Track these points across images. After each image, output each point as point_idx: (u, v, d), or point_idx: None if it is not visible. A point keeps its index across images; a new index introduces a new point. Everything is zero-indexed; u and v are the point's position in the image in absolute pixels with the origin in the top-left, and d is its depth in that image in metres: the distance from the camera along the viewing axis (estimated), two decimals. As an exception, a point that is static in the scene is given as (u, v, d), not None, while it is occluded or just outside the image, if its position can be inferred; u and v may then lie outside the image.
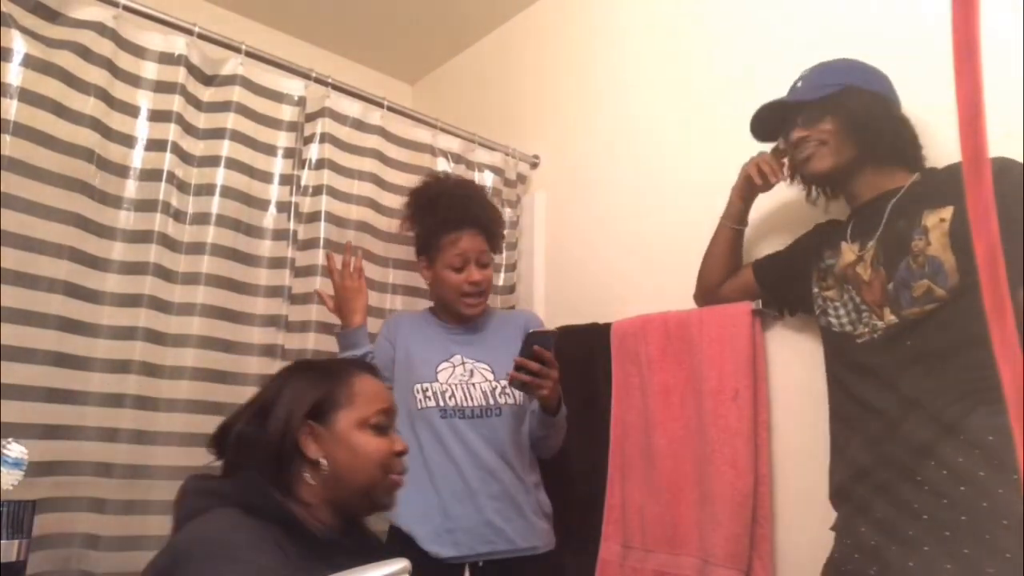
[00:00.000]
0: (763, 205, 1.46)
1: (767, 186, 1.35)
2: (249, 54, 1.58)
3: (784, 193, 1.42)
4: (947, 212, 1.04)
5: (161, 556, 0.81)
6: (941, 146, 1.18)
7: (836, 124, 1.16)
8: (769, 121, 1.27)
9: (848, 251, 1.18)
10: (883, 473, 1.04)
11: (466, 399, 1.47)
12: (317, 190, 1.66)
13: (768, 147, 1.35)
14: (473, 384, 1.49)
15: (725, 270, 1.48)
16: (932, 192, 1.09)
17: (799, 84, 1.22)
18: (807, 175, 1.23)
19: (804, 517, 1.33)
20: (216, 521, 0.82)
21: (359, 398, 0.98)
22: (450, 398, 1.47)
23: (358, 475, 0.95)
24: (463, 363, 1.52)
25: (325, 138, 1.68)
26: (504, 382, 1.47)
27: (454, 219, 1.51)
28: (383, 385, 1.05)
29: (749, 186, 1.39)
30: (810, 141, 1.19)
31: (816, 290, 1.24)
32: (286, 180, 1.61)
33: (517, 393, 1.47)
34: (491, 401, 1.48)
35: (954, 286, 1.00)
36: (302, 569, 0.82)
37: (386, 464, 0.97)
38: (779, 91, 1.26)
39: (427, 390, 1.47)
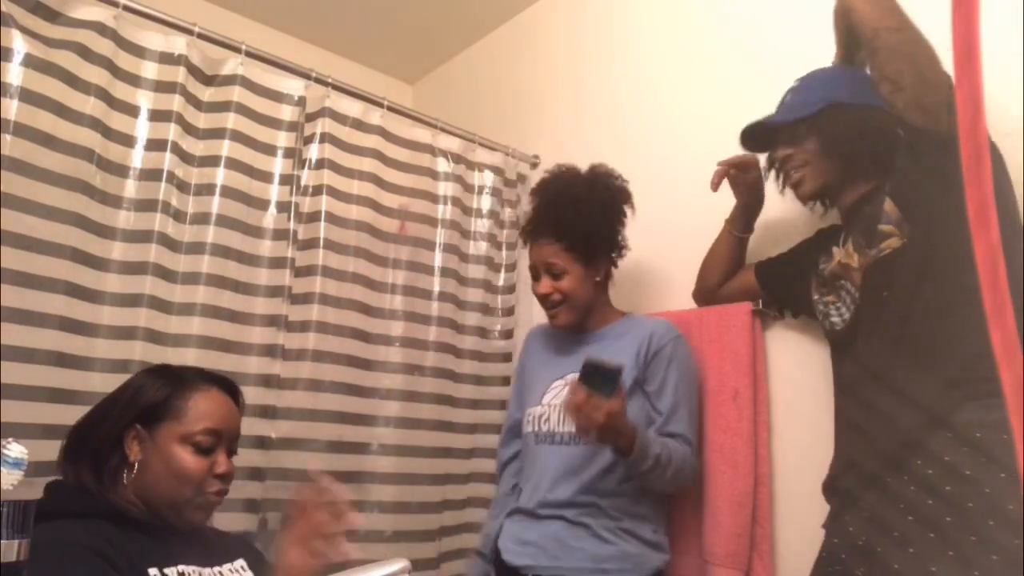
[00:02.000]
0: (766, 206, 1.46)
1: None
2: (249, 54, 1.58)
3: (787, 196, 1.42)
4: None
5: None
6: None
7: (819, 144, 1.18)
8: (759, 134, 1.29)
9: (837, 253, 1.20)
10: (870, 468, 1.04)
11: (559, 423, 1.40)
12: (317, 190, 1.66)
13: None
14: None
15: (725, 273, 1.48)
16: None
17: (788, 97, 1.23)
18: (799, 197, 1.25)
19: (804, 517, 1.33)
20: (43, 534, 0.83)
21: (190, 413, 0.98)
22: (544, 422, 1.43)
23: (166, 488, 0.95)
24: (563, 376, 1.45)
25: (325, 138, 1.68)
26: None
27: (533, 229, 1.47)
28: (227, 405, 1.03)
29: (743, 194, 1.40)
30: (795, 160, 1.21)
31: (816, 297, 1.24)
32: (286, 180, 1.61)
33: None
34: None
35: (898, 220, 1.03)
36: (134, 553, 0.87)
37: (199, 484, 0.97)
38: (781, 90, 1.26)
39: (530, 415, 1.48)
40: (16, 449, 1.10)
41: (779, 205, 1.47)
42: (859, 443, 1.08)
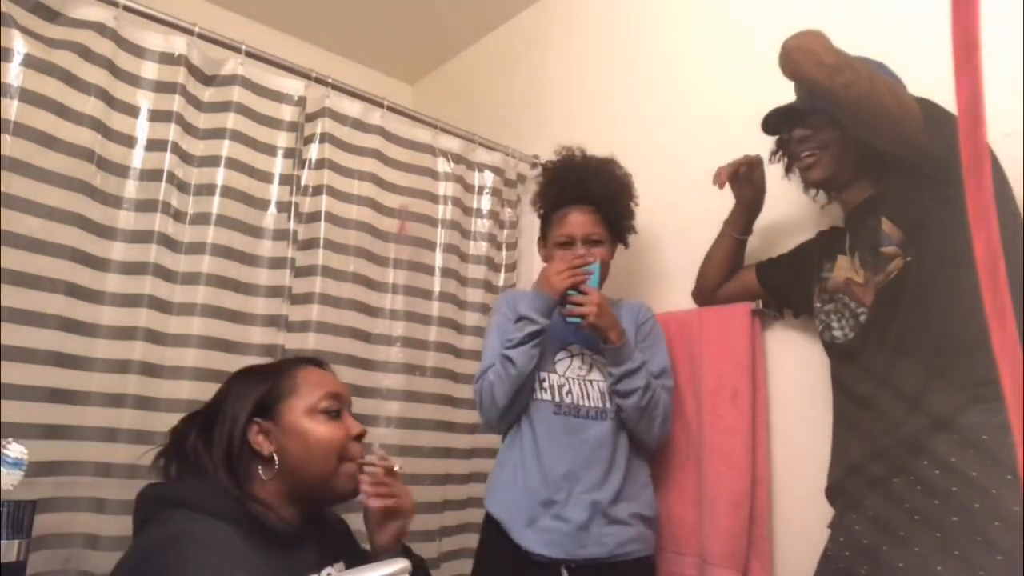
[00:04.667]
0: (765, 207, 1.46)
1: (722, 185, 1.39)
2: (249, 54, 1.58)
3: (787, 196, 1.42)
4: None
5: (128, 557, 0.81)
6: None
7: (838, 135, 1.16)
8: (776, 117, 1.27)
9: (843, 263, 1.18)
10: (876, 470, 1.04)
11: (583, 397, 1.42)
12: (317, 190, 1.66)
13: (765, 140, 1.35)
14: (591, 381, 1.44)
15: (724, 275, 1.48)
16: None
17: None
18: (807, 180, 1.24)
19: (802, 517, 1.33)
20: (179, 522, 0.81)
21: (303, 386, 0.96)
22: (567, 394, 1.42)
23: (314, 464, 0.92)
24: (581, 354, 1.47)
25: (325, 138, 1.68)
26: None
27: (565, 194, 1.47)
28: (329, 374, 1.03)
29: (746, 194, 1.40)
30: (812, 142, 1.19)
31: (818, 305, 1.24)
32: (286, 180, 1.61)
33: None
34: (608, 404, 1.41)
35: (901, 240, 1.03)
36: (266, 566, 0.82)
37: (341, 450, 0.95)
38: (782, 91, 1.25)
39: (544, 381, 1.43)
40: (16, 449, 1.11)
41: (779, 206, 1.47)
42: (864, 445, 1.07)
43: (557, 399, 1.42)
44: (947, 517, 0.92)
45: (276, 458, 0.91)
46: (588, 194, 1.46)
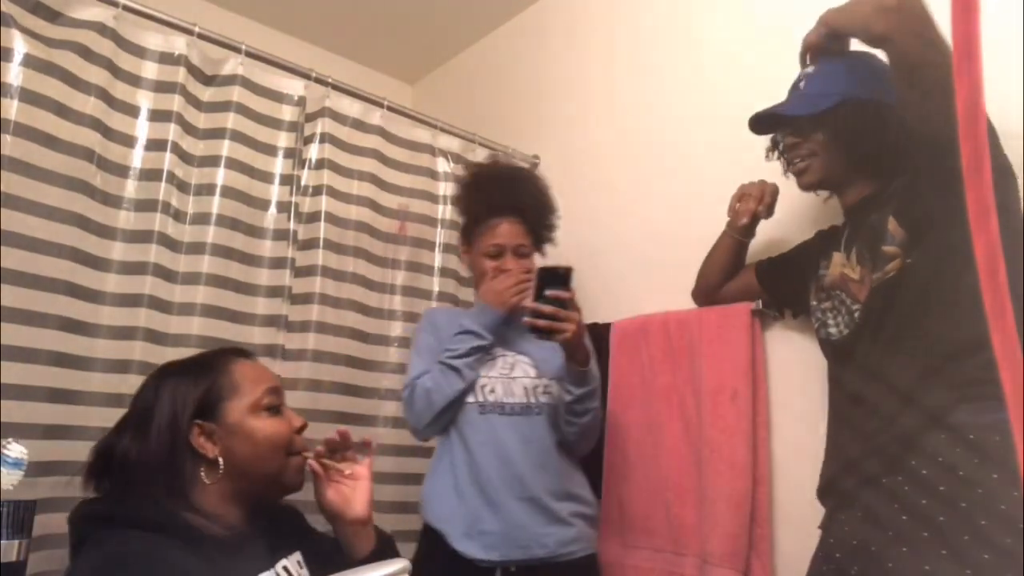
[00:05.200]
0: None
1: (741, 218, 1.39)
2: (249, 54, 1.58)
3: (788, 196, 1.42)
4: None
5: None
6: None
7: (826, 139, 1.17)
8: (766, 118, 1.27)
9: (838, 259, 1.19)
10: (866, 470, 1.04)
11: (506, 394, 1.41)
12: (317, 190, 1.66)
13: (765, 139, 1.35)
14: (514, 379, 1.43)
15: (725, 275, 1.48)
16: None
17: (801, 85, 1.22)
18: (800, 185, 1.25)
19: (803, 517, 1.33)
20: (114, 542, 0.78)
21: (243, 383, 0.93)
22: (490, 392, 1.41)
23: (262, 462, 0.91)
24: (504, 355, 1.46)
25: (325, 138, 1.68)
26: (547, 380, 1.43)
27: (495, 204, 1.47)
28: (262, 366, 1.01)
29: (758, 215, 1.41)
30: (801, 149, 1.20)
31: (815, 303, 1.24)
32: (286, 180, 1.61)
33: (559, 391, 1.39)
34: (532, 399, 1.42)
35: (903, 240, 1.02)
36: (210, 574, 0.79)
37: (288, 444, 0.94)
38: (779, 90, 1.25)
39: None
40: (16, 449, 1.11)
41: (779, 208, 1.47)
42: (854, 445, 1.08)
43: (481, 399, 1.41)
44: (935, 516, 0.92)
45: (221, 460, 0.88)
46: (518, 205, 1.48)
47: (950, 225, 0.97)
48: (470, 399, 1.42)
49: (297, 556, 0.96)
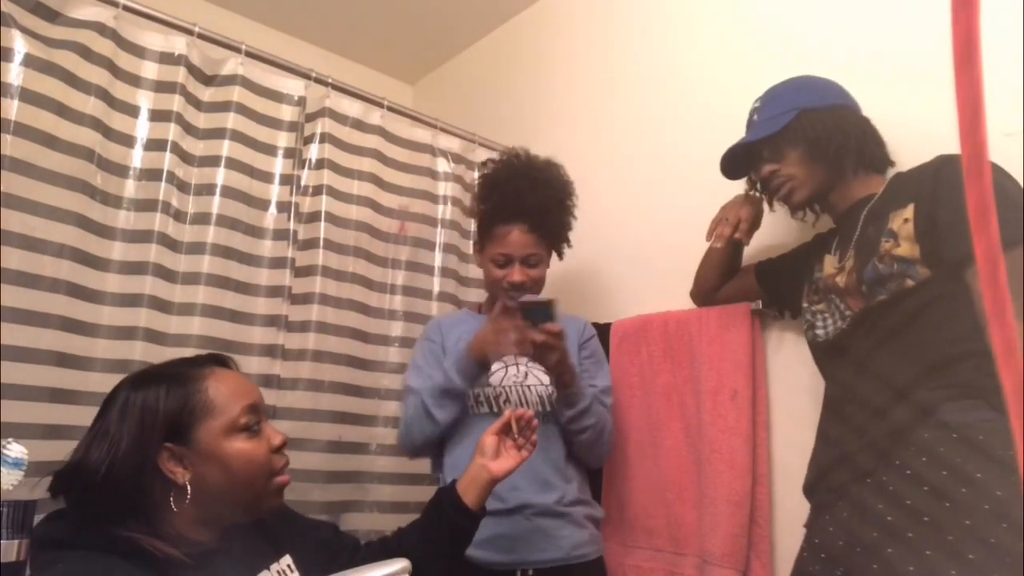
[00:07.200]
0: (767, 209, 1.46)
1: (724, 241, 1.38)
2: (249, 54, 1.58)
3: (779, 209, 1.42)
4: (909, 211, 1.05)
5: None
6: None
7: (800, 152, 1.17)
8: (738, 158, 1.28)
9: (830, 263, 1.19)
10: (848, 472, 1.05)
11: (521, 403, 1.40)
12: (317, 190, 1.66)
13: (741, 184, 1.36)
14: (528, 387, 1.42)
15: (721, 278, 1.48)
16: (897, 194, 1.10)
17: (755, 117, 1.23)
18: (793, 207, 1.25)
19: (802, 517, 1.33)
20: (72, 566, 0.74)
21: (217, 401, 0.85)
22: (504, 402, 1.40)
23: (235, 490, 0.84)
24: (516, 363, 1.44)
25: (325, 138, 1.68)
26: None
27: (508, 210, 1.42)
28: (242, 377, 0.92)
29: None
30: (780, 175, 1.21)
31: (806, 304, 1.24)
32: (286, 180, 1.61)
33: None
34: (547, 407, 1.40)
35: (925, 278, 1.02)
36: None
37: (267, 466, 0.87)
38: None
39: (479, 396, 1.40)
40: (16, 449, 1.11)
41: (779, 208, 1.47)
42: (840, 445, 1.09)
43: (495, 409, 1.39)
44: (920, 515, 0.93)
45: (189, 487, 0.81)
46: (530, 212, 1.42)
47: (952, 236, 0.98)
48: (483, 410, 1.40)
49: (287, 560, 0.92)
